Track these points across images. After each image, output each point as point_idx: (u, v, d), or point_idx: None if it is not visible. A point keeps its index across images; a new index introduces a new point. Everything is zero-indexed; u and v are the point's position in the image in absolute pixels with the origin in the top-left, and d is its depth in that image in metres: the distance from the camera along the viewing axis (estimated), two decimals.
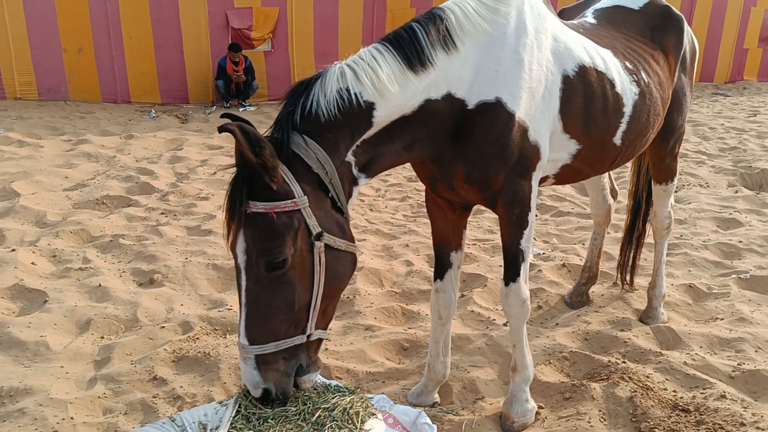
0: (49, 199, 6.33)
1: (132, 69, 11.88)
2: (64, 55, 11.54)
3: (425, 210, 3.24)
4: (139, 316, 4.05)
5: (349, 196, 2.41)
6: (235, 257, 2.22)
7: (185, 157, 8.25)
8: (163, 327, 3.90)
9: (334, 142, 2.30)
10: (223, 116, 2.39)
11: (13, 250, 4.90)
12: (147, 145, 8.96)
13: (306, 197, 2.19)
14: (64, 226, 5.51)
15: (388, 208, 6.67)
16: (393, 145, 2.48)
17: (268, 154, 2.07)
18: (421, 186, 7.01)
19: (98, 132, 9.53)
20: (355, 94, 2.31)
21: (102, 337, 3.84)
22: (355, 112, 2.32)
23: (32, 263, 4.73)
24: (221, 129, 2.04)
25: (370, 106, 2.34)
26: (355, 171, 2.41)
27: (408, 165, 2.93)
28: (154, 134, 9.58)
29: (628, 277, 4.40)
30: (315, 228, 2.21)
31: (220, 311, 4.12)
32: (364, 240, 5.54)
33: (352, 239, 2.38)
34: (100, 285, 4.41)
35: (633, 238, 4.34)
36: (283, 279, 2.17)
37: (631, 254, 4.36)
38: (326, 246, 2.25)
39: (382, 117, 2.38)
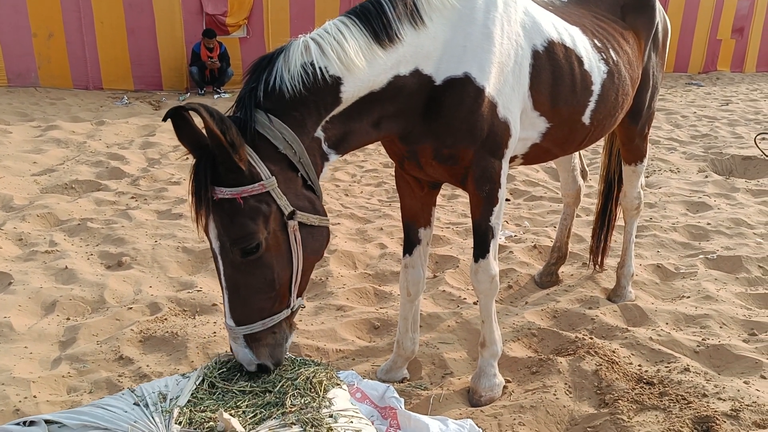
0: (17, 184, 6.21)
1: (104, 55, 11.67)
2: (34, 40, 11.30)
3: None
4: (106, 297, 4.00)
5: (319, 172, 2.39)
6: (209, 242, 2.20)
7: (157, 143, 8.15)
8: (131, 308, 3.86)
9: (301, 119, 2.26)
10: (166, 118, 2.24)
11: None
12: (118, 131, 8.83)
13: (274, 178, 2.16)
14: (31, 210, 5.41)
15: (363, 193, 6.66)
16: (362, 123, 2.45)
17: (235, 134, 2.03)
18: None
19: (68, 118, 9.37)
20: (321, 68, 2.27)
21: (67, 319, 3.79)
22: (321, 87, 2.28)
23: None
24: (189, 108, 1.97)
25: (337, 81, 2.31)
26: (325, 147, 2.39)
27: (385, 152, 2.91)
28: (126, 120, 9.44)
29: (599, 259, 4.45)
30: (286, 208, 2.19)
31: (189, 293, 4.08)
32: (339, 224, 5.53)
33: (324, 213, 2.37)
34: (66, 267, 4.35)
35: (605, 220, 4.38)
36: (260, 262, 2.17)
37: (603, 236, 4.40)
38: (300, 223, 2.23)
39: (350, 92, 2.35)
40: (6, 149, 7.42)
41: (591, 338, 3.45)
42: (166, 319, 3.73)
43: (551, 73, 2.87)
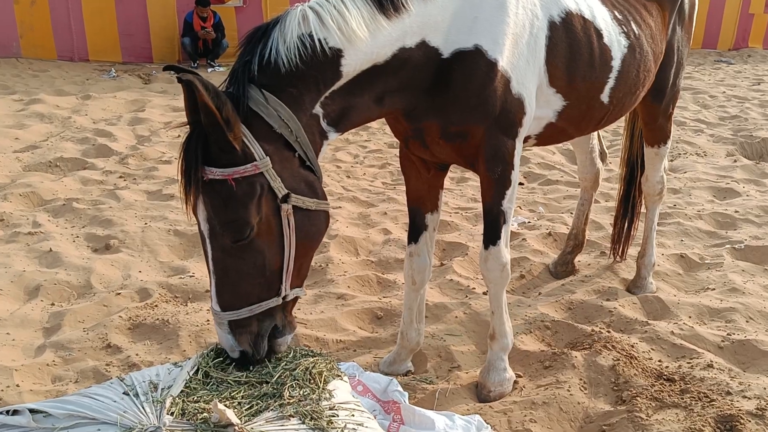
0: None
1: (90, 24, 11.64)
2: (15, 8, 11.26)
3: None
4: (93, 282, 4.03)
5: (318, 151, 2.38)
6: (198, 223, 2.21)
7: (147, 119, 8.15)
8: (119, 294, 3.88)
9: (298, 95, 2.25)
10: (166, 68, 2.29)
11: None
12: (106, 106, 8.82)
13: (268, 159, 2.16)
14: (13, 189, 5.43)
15: (366, 175, 6.66)
16: (363, 98, 2.44)
17: (230, 110, 2.02)
18: None
19: (52, 92, 9.36)
20: (320, 40, 2.25)
21: (52, 304, 3.82)
22: (320, 60, 2.27)
23: None
24: (179, 77, 1.97)
25: (337, 54, 2.29)
26: (323, 124, 2.38)
27: (390, 131, 2.91)
28: (113, 95, 9.43)
29: (620, 249, 4.44)
30: (280, 191, 2.19)
31: (181, 278, 4.10)
32: (340, 208, 5.54)
33: (323, 197, 2.37)
34: (51, 250, 4.38)
35: (627, 207, 4.36)
36: (251, 247, 2.17)
37: (626, 224, 4.39)
38: (295, 207, 2.23)
39: (351, 66, 2.33)
40: None
41: (608, 332, 3.46)
42: (156, 305, 3.76)
43: (568, 46, 2.86)
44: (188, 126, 2.15)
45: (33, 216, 5.00)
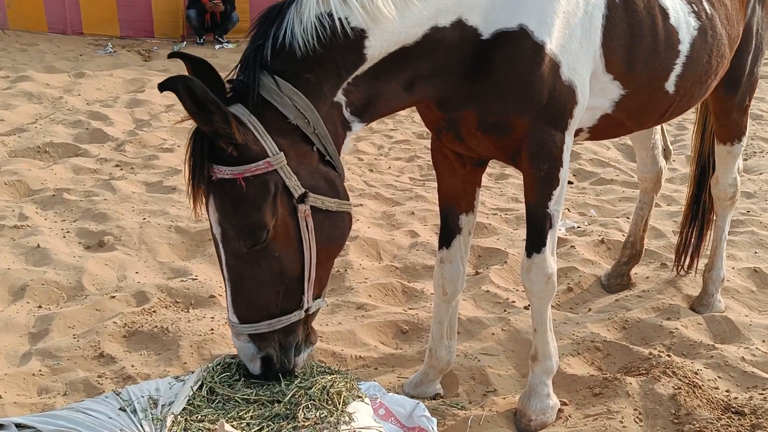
0: None
1: None
2: None
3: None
4: (85, 283, 4.11)
5: (341, 144, 2.41)
6: (210, 226, 2.27)
7: (147, 101, 8.26)
8: (114, 297, 3.95)
9: (316, 82, 2.28)
10: (171, 55, 2.33)
11: None
12: (101, 85, 8.96)
13: (282, 154, 2.19)
14: None
15: (391, 169, 6.68)
16: (391, 84, 2.46)
17: (218, 120, 2.04)
18: None
19: (42, 68, 9.53)
20: (340, 19, 2.26)
21: (39, 306, 3.90)
22: (341, 43, 2.28)
23: None
24: (161, 86, 2.00)
25: (361, 35, 2.30)
26: (347, 113, 2.40)
27: (419, 119, 2.92)
28: (110, 73, 9.58)
29: (686, 261, 4.39)
30: (297, 189, 2.23)
31: (183, 281, 4.17)
32: (361, 205, 5.57)
33: (345, 196, 2.40)
34: (38, 246, 4.46)
35: (698, 213, 4.32)
36: (266, 252, 2.22)
37: (694, 233, 4.34)
38: (313, 208, 2.27)
39: (376, 48, 2.34)
40: None
41: (668, 356, 3.44)
42: (154, 311, 3.82)
43: (628, 27, 2.84)
44: None
45: (19, 207, 5.10)
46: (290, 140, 2.23)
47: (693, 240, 4.33)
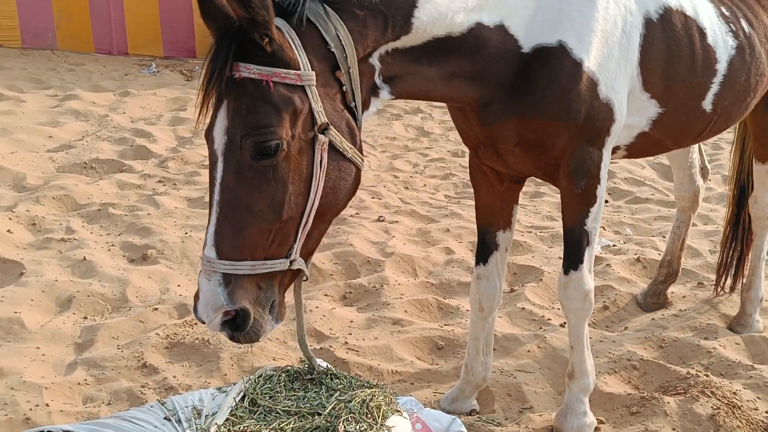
0: (30, 161, 6.51)
1: (131, 15, 12.06)
2: None
3: (472, 190, 3.23)
4: (129, 295, 4.17)
5: (365, 107, 2.32)
6: (211, 143, 2.09)
7: (189, 119, 8.37)
8: (156, 309, 4.00)
9: (363, 23, 2.20)
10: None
11: None
12: (145, 103, 9.12)
13: (314, 74, 2.08)
14: (46, 191, 5.67)
15: (426, 187, 6.68)
16: (431, 69, 2.42)
17: (257, 4, 1.89)
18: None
19: (89, 87, 9.73)
20: None
21: (85, 318, 3.96)
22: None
23: (8, 231, 4.88)
24: None
25: (413, 1, 2.27)
26: (378, 79, 2.33)
27: (454, 137, 2.90)
28: (153, 92, 9.73)
29: (726, 281, 4.32)
30: (321, 115, 2.09)
31: None
32: (397, 222, 5.58)
33: (360, 149, 2.26)
34: (84, 259, 4.54)
35: (737, 233, 4.27)
36: (273, 172, 2.03)
37: (736, 254, 4.28)
38: (330, 144, 2.13)
39: (423, 22, 2.31)
40: (19, 120, 7.78)
41: (706, 375, 3.38)
42: (195, 323, 3.84)
43: (666, 46, 2.83)
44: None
45: (66, 221, 5.20)
46: (323, 68, 2.12)
47: (733, 261, 4.27)
